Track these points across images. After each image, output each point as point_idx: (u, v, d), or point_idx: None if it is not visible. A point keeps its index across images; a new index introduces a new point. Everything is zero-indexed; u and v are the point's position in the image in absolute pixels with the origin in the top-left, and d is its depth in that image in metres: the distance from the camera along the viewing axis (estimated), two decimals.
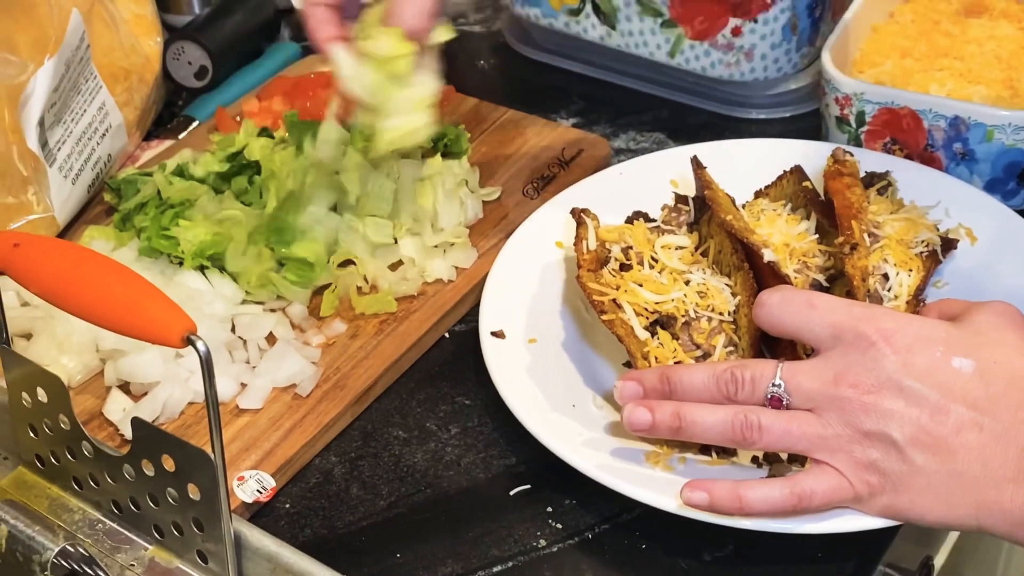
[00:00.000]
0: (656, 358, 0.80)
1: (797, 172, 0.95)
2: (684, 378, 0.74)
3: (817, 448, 0.70)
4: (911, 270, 0.86)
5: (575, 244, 0.88)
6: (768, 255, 0.82)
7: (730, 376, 0.72)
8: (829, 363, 0.70)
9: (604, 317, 0.82)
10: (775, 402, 0.71)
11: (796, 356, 0.78)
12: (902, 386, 0.68)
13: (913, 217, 0.90)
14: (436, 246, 0.97)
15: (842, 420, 0.69)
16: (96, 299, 0.67)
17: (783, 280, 0.81)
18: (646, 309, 0.82)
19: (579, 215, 0.90)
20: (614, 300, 0.83)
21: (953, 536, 1.02)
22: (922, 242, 0.88)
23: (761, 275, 0.82)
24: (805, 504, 0.70)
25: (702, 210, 0.90)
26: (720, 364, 0.74)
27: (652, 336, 0.82)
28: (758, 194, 0.96)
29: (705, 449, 0.79)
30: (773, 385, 0.71)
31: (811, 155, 0.97)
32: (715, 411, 0.72)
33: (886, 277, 0.86)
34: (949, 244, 0.90)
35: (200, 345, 0.64)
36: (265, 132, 1.05)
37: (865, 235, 0.85)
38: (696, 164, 0.93)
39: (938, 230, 0.90)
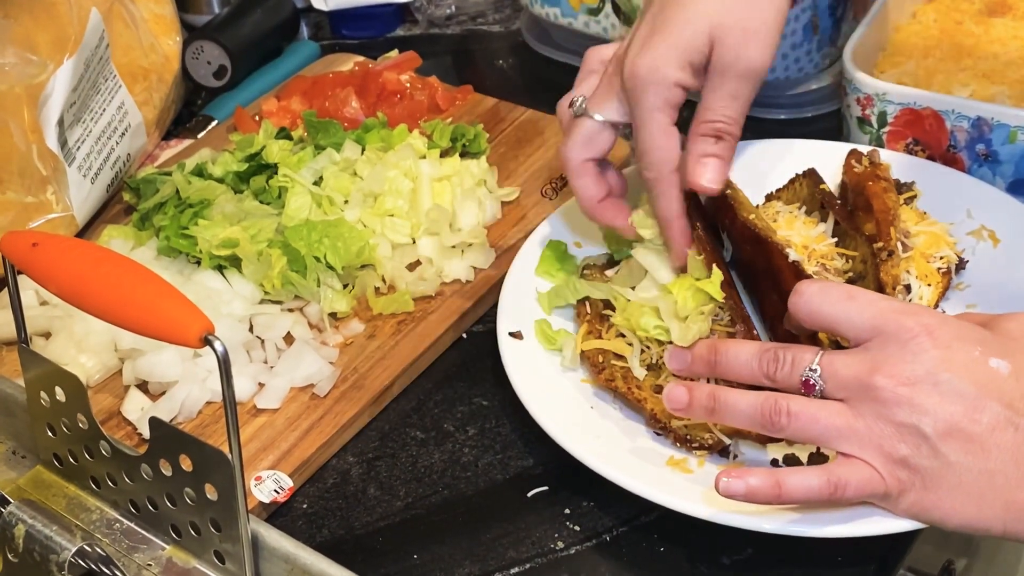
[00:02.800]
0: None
1: (811, 175, 0.94)
2: (731, 350, 0.75)
3: (845, 438, 0.69)
4: (931, 284, 0.86)
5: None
6: (792, 255, 0.82)
7: (773, 355, 0.73)
8: (868, 354, 0.70)
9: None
10: (807, 386, 0.71)
11: None
12: (938, 381, 0.68)
13: (937, 232, 0.90)
14: (454, 246, 0.96)
15: (874, 411, 0.69)
16: (114, 299, 0.67)
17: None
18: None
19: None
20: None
21: (974, 541, 1.01)
22: (941, 258, 0.88)
23: (783, 275, 0.82)
24: (840, 493, 0.69)
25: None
26: (768, 344, 0.74)
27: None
28: (770, 197, 0.96)
29: (724, 452, 0.79)
30: (809, 369, 0.71)
31: (830, 156, 0.96)
32: (747, 395, 0.73)
33: (908, 288, 0.85)
34: (962, 264, 0.90)
35: (218, 345, 0.64)
36: (283, 132, 1.05)
37: (899, 243, 0.85)
38: None
39: (956, 248, 0.90)
